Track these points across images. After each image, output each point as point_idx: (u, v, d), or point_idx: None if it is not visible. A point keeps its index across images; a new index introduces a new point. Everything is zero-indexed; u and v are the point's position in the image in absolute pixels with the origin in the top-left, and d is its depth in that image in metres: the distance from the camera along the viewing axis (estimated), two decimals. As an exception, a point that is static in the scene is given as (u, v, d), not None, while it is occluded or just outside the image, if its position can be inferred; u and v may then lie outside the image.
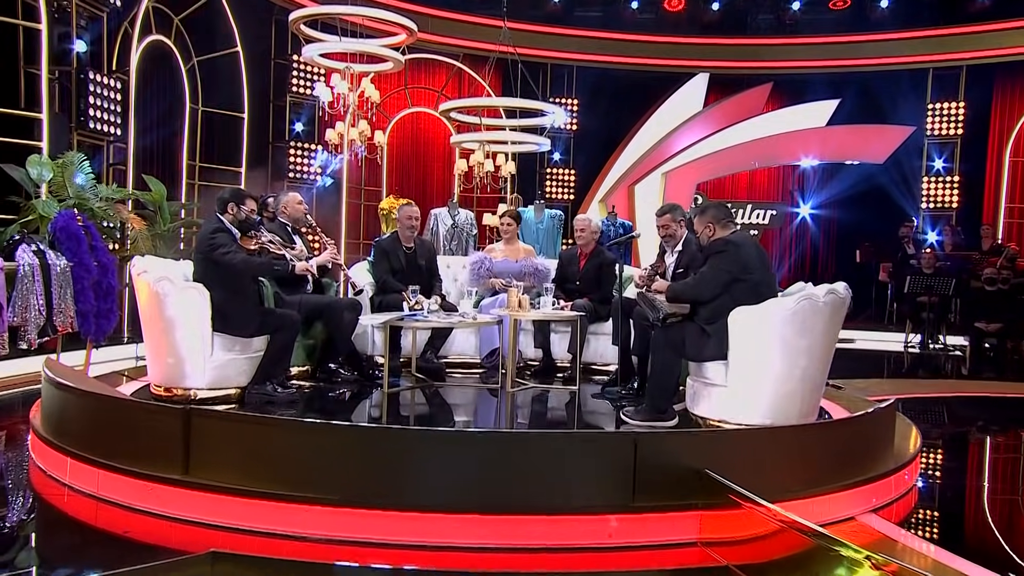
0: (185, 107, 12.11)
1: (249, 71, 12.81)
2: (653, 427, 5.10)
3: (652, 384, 5.15)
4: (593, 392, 6.37)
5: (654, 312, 4.96)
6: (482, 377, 6.97)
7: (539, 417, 5.96)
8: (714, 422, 5.04)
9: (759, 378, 4.87)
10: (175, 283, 5.44)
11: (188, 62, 12.11)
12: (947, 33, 15.42)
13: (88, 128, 9.42)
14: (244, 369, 5.63)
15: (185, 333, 5.44)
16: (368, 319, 6.10)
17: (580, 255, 7.13)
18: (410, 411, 5.92)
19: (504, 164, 11.56)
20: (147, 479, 4.01)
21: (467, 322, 5.97)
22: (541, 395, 6.41)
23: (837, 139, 14.95)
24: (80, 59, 9.50)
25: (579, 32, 15.70)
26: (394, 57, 11.20)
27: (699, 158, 13.99)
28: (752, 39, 16.02)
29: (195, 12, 12.03)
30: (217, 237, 5.44)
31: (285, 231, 6.46)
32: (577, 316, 6.34)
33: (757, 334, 4.84)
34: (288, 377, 6.17)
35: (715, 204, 5.24)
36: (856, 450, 4.58)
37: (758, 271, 4.96)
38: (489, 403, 6.19)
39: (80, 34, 9.50)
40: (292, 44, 12.97)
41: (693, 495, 3.81)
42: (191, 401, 5.47)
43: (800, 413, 4.96)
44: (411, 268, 6.98)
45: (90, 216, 7.98)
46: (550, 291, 6.38)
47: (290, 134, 13.53)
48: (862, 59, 15.84)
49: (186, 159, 12.06)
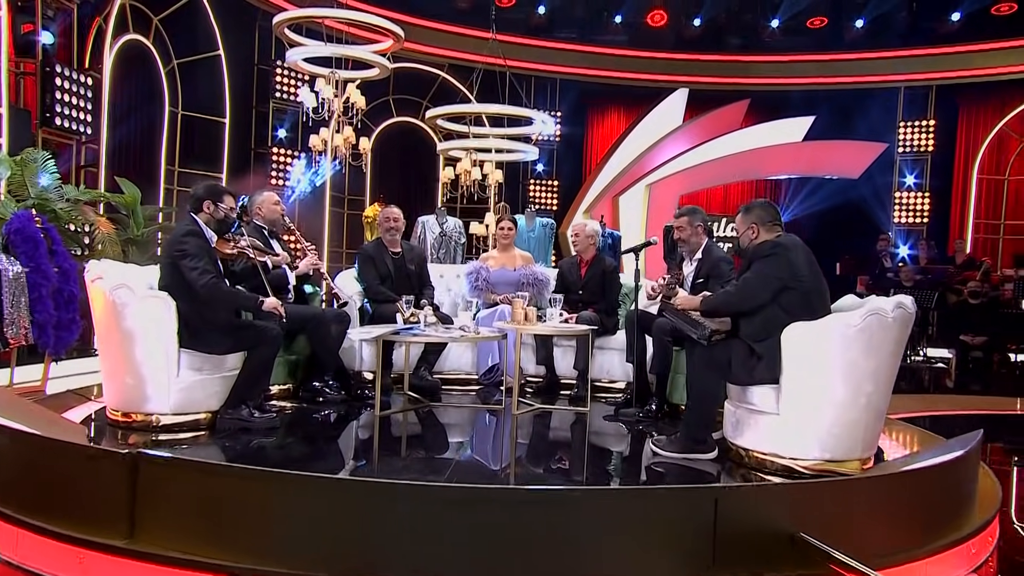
0: (164, 109, 10.99)
1: (231, 75, 11.73)
2: (689, 459, 4.12)
3: (691, 412, 4.17)
4: (605, 414, 5.35)
5: (698, 329, 3.95)
6: (480, 395, 5.94)
7: (554, 447, 4.92)
8: (760, 455, 4.06)
9: (818, 405, 3.89)
10: (135, 291, 4.36)
11: (168, 64, 10.98)
12: (917, 54, 14.86)
13: (55, 125, 8.27)
14: (216, 391, 4.55)
15: (146, 349, 4.37)
16: (359, 333, 5.04)
17: (580, 263, 6.15)
18: (405, 438, 4.85)
19: (492, 172, 10.57)
20: (81, 545, 2.92)
21: (471, 337, 4.93)
22: (549, 418, 5.37)
23: (813, 154, 14.21)
24: (47, 51, 8.32)
25: (562, 45, 14.85)
26: (381, 63, 10.22)
27: (681, 170, 13.17)
28: (731, 55, 15.27)
29: (175, 12, 10.92)
30: (188, 243, 4.36)
31: (261, 234, 5.39)
32: (588, 331, 5.33)
33: (816, 354, 3.87)
34: (268, 398, 5.11)
35: (761, 203, 4.27)
36: (950, 498, 3.61)
37: (809, 278, 3.99)
38: (494, 430, 5.10)
39: (47, 25, 8.31)
40: (276, 49, 11.93)
41: (783, 565, 2.80)
42: (153, 428, 4.41)
43: (863, 447, 4.00)
44: (399, 274, 5.96)
45: (52, 218, 6.83)
46: (557, 302, 5.36)
47: (273, 140, 12.44)
48: (836, 77, 15.27)
49: (164, 163, 10.96)
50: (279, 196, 5.69)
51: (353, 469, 4.11)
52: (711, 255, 5.18)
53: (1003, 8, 14.14)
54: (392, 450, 4.49)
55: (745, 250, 4.20)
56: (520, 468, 4.19)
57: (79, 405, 5.00)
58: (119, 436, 4.41)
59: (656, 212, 12.89)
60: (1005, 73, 14.34)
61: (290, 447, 4.38)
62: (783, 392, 3.93)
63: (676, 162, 13.26)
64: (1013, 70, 14.24)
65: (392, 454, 4.42)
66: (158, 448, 4.21)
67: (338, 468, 4.11)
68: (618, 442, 4.91)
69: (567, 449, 4.92)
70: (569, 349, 6.02)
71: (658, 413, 5.12)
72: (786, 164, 14.21)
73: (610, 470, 4.40)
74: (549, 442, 4.88)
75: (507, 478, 3.90)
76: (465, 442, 4.82)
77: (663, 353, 5.04)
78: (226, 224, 4.57)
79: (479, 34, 13.09)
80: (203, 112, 11.50)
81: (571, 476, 4.16)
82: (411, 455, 4.41)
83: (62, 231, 6.97)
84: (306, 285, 5.67)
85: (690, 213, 5.29)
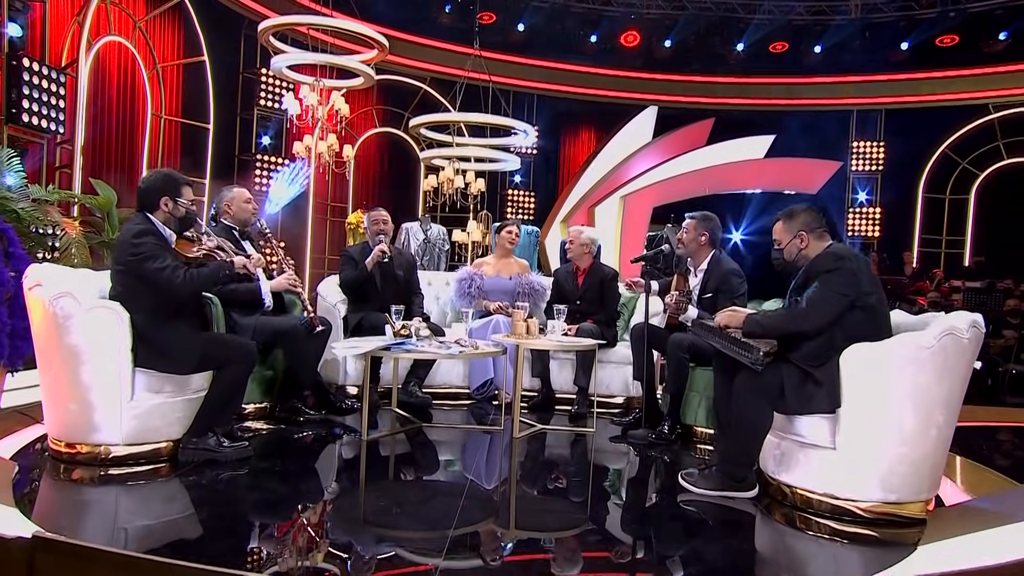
0: (147, 113, 9.84)
1: (216, 81, 10.59)
2: (726, 497, 3.21)
3: (733, 445, 3.25)
4: (612, 435, 4.44)
5: (750, 353, 3.02)
6: (472, 411, 4.98)
7: (565, 487, 3.79)
8: (808, 493, 3.16)
9: (882, 438, 3.03)
10: (80, 301, 3.34)
11: (151, 68, 9.84)
12: (869, 80, 14.35)
13: (21, 122, 7.08)
14: (178, 416, 3.54)
15: (94, 369, 3.37)
16: (344, 348, 4.03)
17: (577, 271, 5.22)
18: (392, 467, 3.85)
19: (474, 181, 9.62)
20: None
21: (469, 353, 3.95)
22: (553, 443, 4.40)
23: (774, 170, 13.50)
24: (14, 44, 7.13)
25: (540, 62, 13.98)
26: (366, 72, 9.26)
27: (653, 183, 12.37)
28: (698, 76, 14.53)
29: (159, 17, 9.80)
30: (144, 243, 3.35)
31: (231, 235, 4.37)
32: (595, 345, 4.41)
33: (882, 380, 3.01)
34: (242, 418, 4.11)
35: (804, 208, 3.37)
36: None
37: (874, 294, 3.11)
38: (496, 457, 4.04)
39: (14, 17, 7.13)
40: (261, 57, 10.86)
41: None
42: (102, 461, 3.38)
43: (929, 485, 3.13)
44: (386, 279, 5.01)
45: (13, 219, 5.73)
46: (561, 314, 4.46)
47: (257, 147, 11.33)
48: (795, 99, 14.66)
49: (146, 167, 9.77)
50: (251, 195, 4.64)
51: (331, 536, 3.13)
52: (720, 267, 4.31)
53: (946, 40, 13.74)
54: (379, 490, 3.49)
55: (793, 263, 3.31)
56: (527, 516, 3.26)
57: (22, 429, 3.94)
58: (61, 471, 3.38)
59: (630, 222, 12.09)
60: (948, 100, 13.97)
61: (261, 485, 3.40)
62: (842, 423, 3.05)
63: (647, 176, 12.47)
64: (955, 97, 13.88)
65: (379, 497, 3.43)
66: (106, 485, 3.21)
67: (315, 522, 3.13)
68: (639, 475, 3.96)
69: (581, 486, 3.71)
70: (566, 362, 5.11)
71: (671, 435, 4.22)
72: (749, 179, 13.48)
73: (641, 521, 3.44)
74: (558, 475, 3.89)
75: (510, 545, 2.96)
76: (464, 485, 3.55)
77: (679, 371, 4.15)
78: (187, 221, 3.55)
79: (461, 49, 12.22)
80: (187, 117, 10.37)
81: (600, 533, 3.23)
82: (402, 500, 3.44)
83: (24, 233, 5.86)
84: (287, 295, 4.64)
85: (700, 219, 4.41)
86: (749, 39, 13.93)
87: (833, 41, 14.02)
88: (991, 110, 13.65)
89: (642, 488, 3.73)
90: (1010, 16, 12.75)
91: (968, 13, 12.99)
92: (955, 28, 13.28)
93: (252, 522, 3.01)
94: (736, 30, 13.87)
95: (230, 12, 10.91)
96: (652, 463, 3.98)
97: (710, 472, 3.26)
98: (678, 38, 13.90)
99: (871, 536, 2.96)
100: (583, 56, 13.93)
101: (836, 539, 2.95)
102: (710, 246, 4.38)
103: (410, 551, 2.66)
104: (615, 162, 12.91)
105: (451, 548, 2.59)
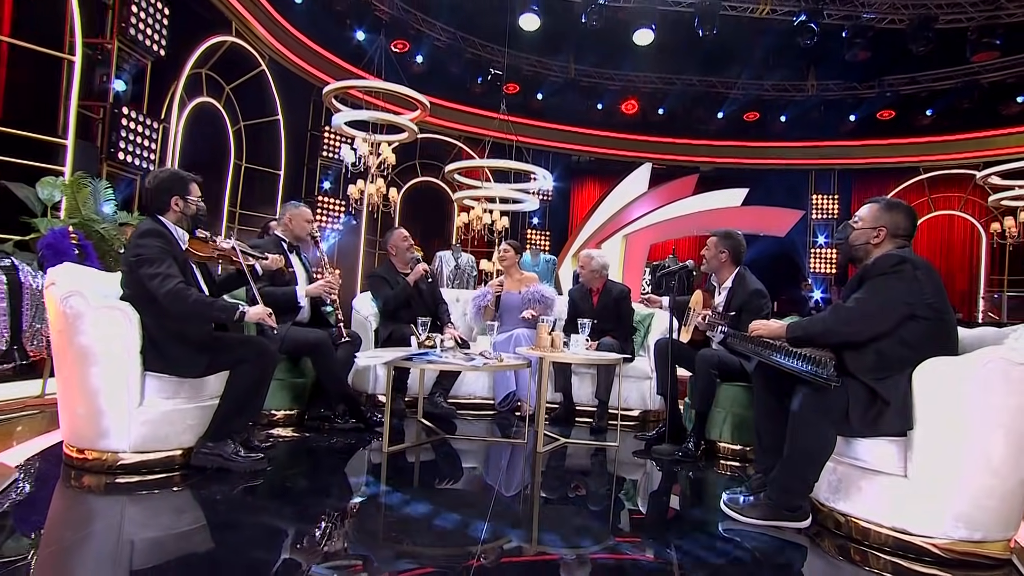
0: (230, 161, 9.11)
1: (287, 137, 9.86)
2: (774, 526, 2.24)
3: (790, 472, 2.25)
4: (635, 449, 3.46)
5: (823, 369, 2.06)
6: (496, 422, 4.02)
7: (592, 508, 2.75)
8: (868, 525, 2.18)
9: (967, 467, 2.06)
10: (90, 300, 2.46)
11: (235, 124, 9.14)
12: (824, 144, 13.57)
13: (117, 160, 6.42)
14: (190, 424, 2.63)
15: (104, 372, 2.49)
16: (368, 357, 3.10)
17: (591, 292, 4.27)
18: (416, 478, 2.90)
19: (499, 219, 8.76)
20: None
21: (493, 365, 3.01)
22: (576, 458, 3.41)
23: (748, 216, 12.54)
24: (118, 97, 6.52)
25: (555, 125, 13.19)
26: (410, 127, 8.49)
27: (650, 225, 11.47)
28: (685, 139, 13.70)
29: (244, 83, 9.12)
30: (145, 246, 2.49)
31: (279, 246, 3.51)
32: (619, 359, 3.45)
33: (966, 399, 2.05)
34: (270, 424, 3.20)
35: (906, 208, 2.32)
36: None
37: (940, 307, 2.15)
38: (517, 474, 3.06)
39: (120, 75, 6.55)
40: (325, 117, 10.13)
41: None
42: (111, 469, 2.49)
43: (1017, 521, 2.13)
44: (411, 293, 4.06)
45: (96, 239, 4.98)
46: (585, 328, 3.51)
47: (319, 191, 10.54)
48: (765, 159, 13.82)
49: (227, 205, 9.02)
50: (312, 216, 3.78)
51: (345, 549, 2.18)
52: (744, 286, 3.36)
53: (885, 115, 13.06)
54: (394, 513, 2.52)
55: (852, 249, 2.35)
56: (550, 532, 2.28)
57: (50, 431, 3.05)
58: (71, 478, 2.48)
59: (631, 257, 11.22)
60: (887, 162, 13.32)
61: (275, 494, 2.45)
62: (915, 448, 2.08)
63: (644, 219, 11.60)
64: (894, 160, 13.25)
65: (393, 518, 2.47)
66: (114, 494, 2.31)
67: (328, 535, 2.17)
68: (668, 493, 2.96)
69: (606, 504, 2.72)
70: (587, 376, 4.14)
71: (697, 452, 3.24)
72: (729, 223, 12.24)
73: (673, 544, 2.42)
74: (585, 495, 2.87)
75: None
76: (487, 507, 2.43)
77: (707, 388, 3.18)
78: (199, 219, 2.70)
79: (489, 113, 11.50)
80: (262, 165, 9.63)
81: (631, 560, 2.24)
82: (415, 528, 2.47)
83: (107, 251, 5.10)
84: (324, 307, 3.76)
85: (721, 236, 3.48)
86: (727, 109, 13.16)
87: (795, 113, 13.35)
88: (921, 171, 13.07)
89: (674, 508, 2.74)
90: (934, 97, 12.29)
91: (900, 94, 12.51)
92: (892, 105, 12.71)
93: (263, 534, 2.07)
94: (716, 102, 13.11)
95: (301, 80, 10.25)
96: (679, 480, 3.00)
97: (758, 500, 2.29)
98: (669, 107, 13.13)
99: (949, 579, 1.99)
100: (590, 121, 13.18)
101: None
102: (732, 263, 3.45)
103: (427, 567, 1.73)
104: (617, 208, 12.07)
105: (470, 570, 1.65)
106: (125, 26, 6.41)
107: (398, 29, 10.65)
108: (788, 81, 13.05)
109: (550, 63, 12.47)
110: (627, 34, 10.60)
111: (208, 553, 1.95)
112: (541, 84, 12.54)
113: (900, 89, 12.53)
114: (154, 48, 6.80)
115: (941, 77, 12.13)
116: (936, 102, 12.31)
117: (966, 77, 11.78)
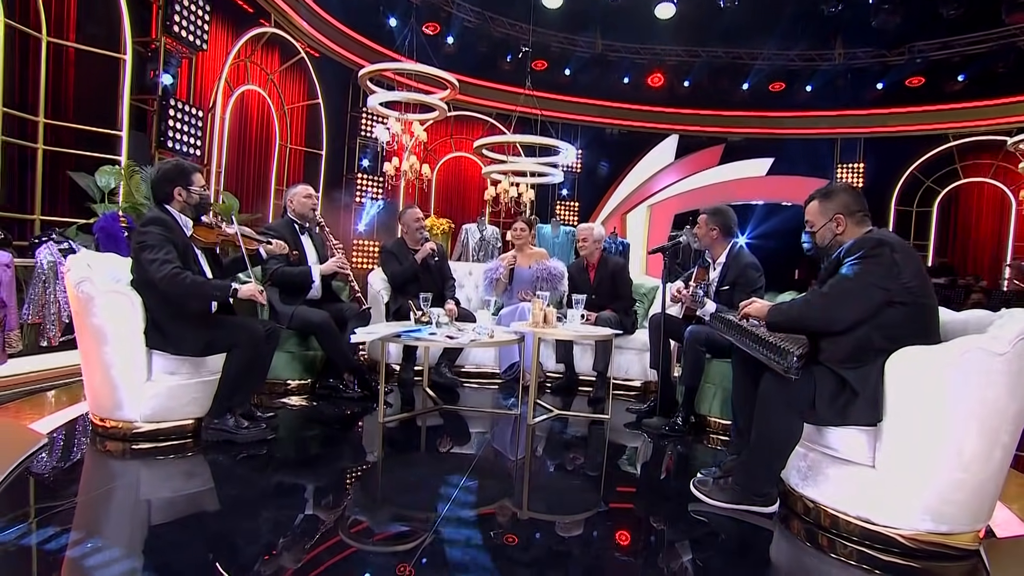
0: (275, 143, 9.13)
1: (327, 118, 9.81)
2: (742, 510, 2.09)
3: (757, 459, 2.09)
4: (627, 422, 3.32)
5: (784, 359, 1.88)
6: (501, 390, 3.94)
7: (569, 491, 2.74)
8: (835, 512, 2.01)
9: (936, 461, 1.85)
10: (98, 285, 2.45)
11: (279, 108, 9.13)
12: (850, 113, 12.61)
13: (167, 147, 6.53)
14: (194, 397, 2.64)
15: (115, 350, 2.50)
16: (362, 332, 3.01)
17: (588, 266, 4.07)
18: (402, 446, 2.84)
19: (525, 191, 8.55)
20: None
21: (482, 341, 2.92)
22: (566, 431, 3.25)
23: (773, 186, 11.95)
24: (167, 90, 6.61)
25: (582, 99, 12.65)
26: (440, 106, 8.28)
27: (674, 195, 11.05)
28: (711, 110, 12.92)
29: (286, 70, 9.08)
30: (148, 233, 2.45)
31: (291, 228, 3.46)
32: (611, 335, 3.30)
33: (940, 391, 1.83)
34: (284, 393, 3.20)
35: (844, 187, 2.16)
36: None
37: (920, 291, 1.92)
38: (506, 443, 2.96)
39: (167, 69, 6.63)
40: (362, 100, 10.02)
41: None
42: (129, 437, 2.51)
43: (986, 514, 1.93)
44: (420, 269, 3.96)
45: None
46: (579, 304, 3.35)
47: (358, 168, 10.51)
48: (790, 129, 12.94)
49: (274, 184, 9.08)
50: (313, 190, 3.72)
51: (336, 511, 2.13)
52: (738, 260, 3.12)
53: (914, 81, 12.07)
54: (375, 478, 2.50)
55: (826, 250, 2.14)
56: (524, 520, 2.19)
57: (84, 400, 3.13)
58: (96, 443, 2.53)
59: (656, 226, 10.89)
60: (915, 130, 12.34)
61: (276, 459, 2.43)
62: (884, 439, 1.89)
63: (669, 189, 11.15)
64: (921, 127, 12.28)
65: (373, 483, 2.44)
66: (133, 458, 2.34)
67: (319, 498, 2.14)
68: (650, 472, 2.80)
69: (584, 486, 2.61)
70: (588, 348, 4.01)
71: (685, 427, 3.09)
72: (754, 192, 11.99)
73: (647, 528, 2.31)
74: (565, 468, 2.75)
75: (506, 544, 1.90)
76: (465, 473, 2.41)
77: (695, 365, 3.00)
78: (203, 207, 2.64)
79: (516, 89, 11.16)
80: (305, 146, 9.63)
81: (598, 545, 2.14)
82: (393, 487, 2.42)
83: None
84: (334, 282, 3.72)
85: (710, 214, 3.24)
86: (752, 80, 12.39)
87: (821, 82, 12.47)
88: (950, 139, 12.06)
89: (647, 484, 2.61)
90: (967, 62, 11.26)
91: (931, 60, 11.49)
92: (921, 71, 11.75)
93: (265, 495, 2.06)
94: (742, 73, 12.35)
95: (339, 65, 10.14)
96: (663, 455, 2.86)
97: (726, 483, 2.14)
98: (695, 79, 12.43)
99: (910, 567, 1.82)
100: (618, 94, 12.61)
101: (866, 567, 1.81)
102: (724, 239, 3.22)
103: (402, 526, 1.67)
104: (643, 179, 11.65)
105: (442, 524, 1.58)
106: (169, 24, 6.48)
107: (429, 12, 10.37)
108: (815, 50, 12.16)
109: (577, 39, 11.96)
110: (649, 8, 10.04)
111: (214, 513, 1.94)
112: (569, 60, 12.07)
113: (931, 55, 11.55)
114: (197, 43, 6.82)
115: (975, 41, 11.08)
116: (969, 67, 11.31)
117: (1001, 40, 10.75)
